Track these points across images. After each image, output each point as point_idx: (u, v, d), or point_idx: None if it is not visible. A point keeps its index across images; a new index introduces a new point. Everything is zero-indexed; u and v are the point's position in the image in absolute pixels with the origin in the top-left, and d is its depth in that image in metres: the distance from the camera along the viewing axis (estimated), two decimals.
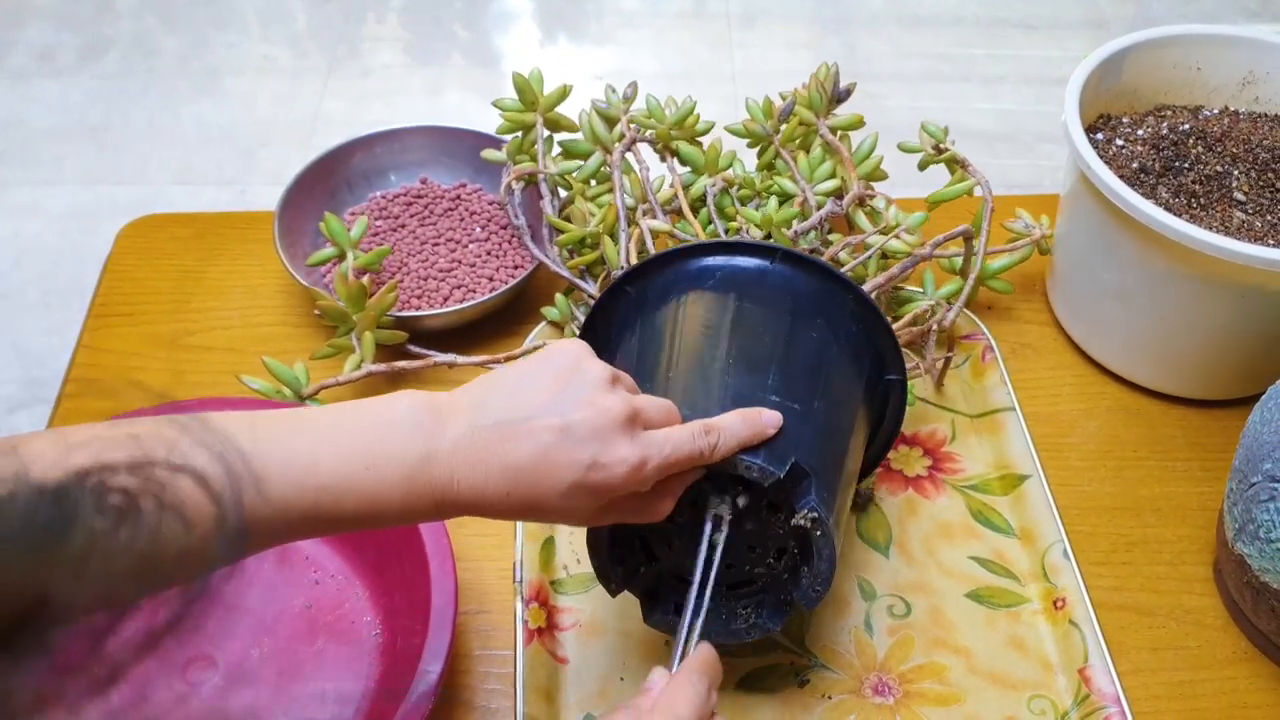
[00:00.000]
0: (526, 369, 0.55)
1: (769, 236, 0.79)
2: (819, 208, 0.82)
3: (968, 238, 0.83)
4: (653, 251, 0.80)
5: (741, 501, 0.61)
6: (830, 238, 0.82)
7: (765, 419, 0.59)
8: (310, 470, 0.48)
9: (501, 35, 2.24)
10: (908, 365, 0.73)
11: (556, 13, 2.28)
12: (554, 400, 0.53)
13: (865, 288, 0.78)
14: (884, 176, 0.87)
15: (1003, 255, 0.86)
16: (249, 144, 1.97)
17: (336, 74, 2.12)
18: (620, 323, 0.69)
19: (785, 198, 0.84)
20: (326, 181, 0.94)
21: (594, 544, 0.62)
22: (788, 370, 0.63)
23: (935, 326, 0.82)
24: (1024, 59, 2.17)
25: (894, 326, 0.78)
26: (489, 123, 0.92)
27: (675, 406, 0.58)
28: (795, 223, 0.81)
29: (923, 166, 0.87)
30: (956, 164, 0.86)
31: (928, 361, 0.82)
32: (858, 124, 0.87)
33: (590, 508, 0.54)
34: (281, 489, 0.48)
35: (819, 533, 0.60)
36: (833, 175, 0.84)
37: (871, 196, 0.84)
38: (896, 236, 0.80)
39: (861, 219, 0.84)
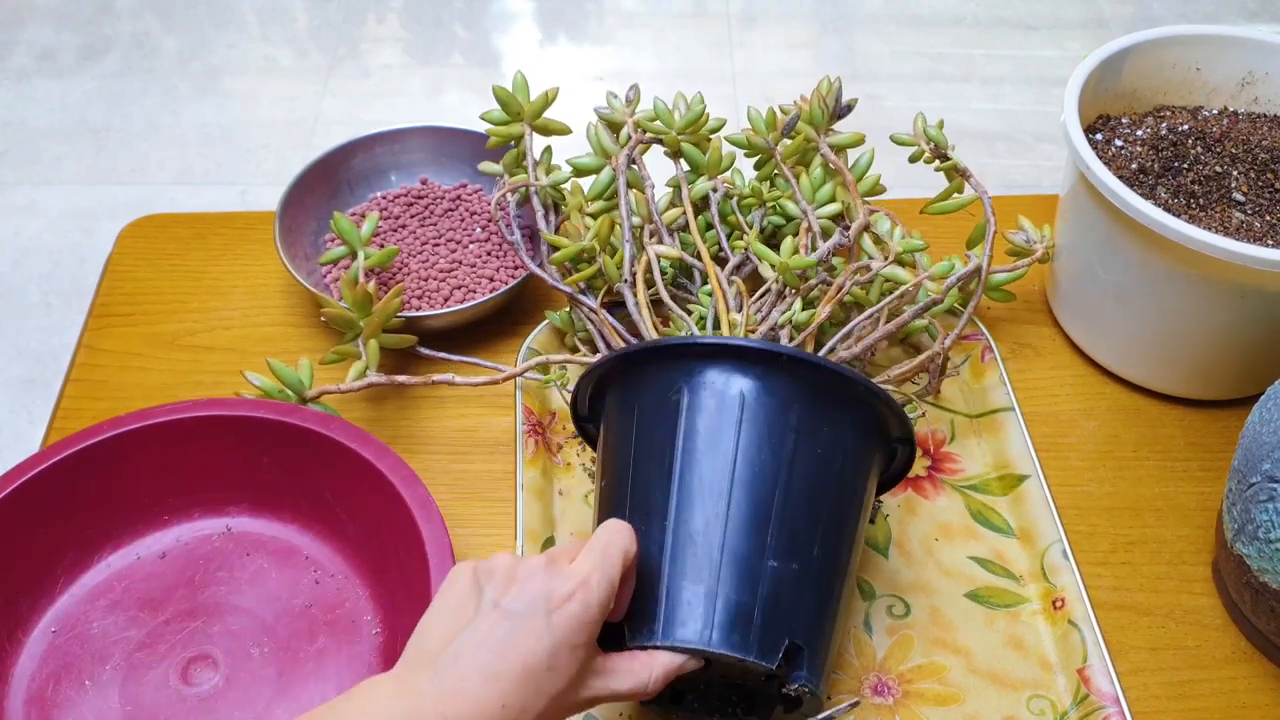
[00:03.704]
0: (441, 601, 0.56)
1: (782, 280, 0.75)
2: (822, 232, 0.79)
3: (977, 270, 0.80)
4: (658, 278, 0.77)
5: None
6: (834, 262, 0.79)
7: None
8: None
9: (501, 35, 2.24)
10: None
11: (556, 13, 2.28)
12: (481, 605, 0.54)
13: (875, 336, 0.75)
14: (883, 190, 0.85)
15: (1004, 271, 0.85)
16: (249, 144, 1.97)
17: (336, 74, 2.12)
18: (617, 401, 0.67)
19: (787, 219, 0.82)
20: (327, 182, 0.94)
21: None
22: (788, 519, 0.60)
23: (940, 354, 0.79)
24: (1024, 59, 2.17)
25: (900, 369, 0.76)
26: None
27: (580, 544, 0.58)
28: (802, 252, 0.78)
29: (914, 159, 0.85)
30: (958, 173, 0.84)
31: (930, 384, 0.81)
32: (858, 142, 0.84)
33: (580, 668, 0.54)
34: None
35: (809, 695, 0.60)
36: (834, 199, 0.82)
37: (873, 211, 0.81)
38: (919, 284, 0.76)
39: (866, 242, 0.80)
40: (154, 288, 0.92)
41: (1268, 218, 0.80)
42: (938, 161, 0.84)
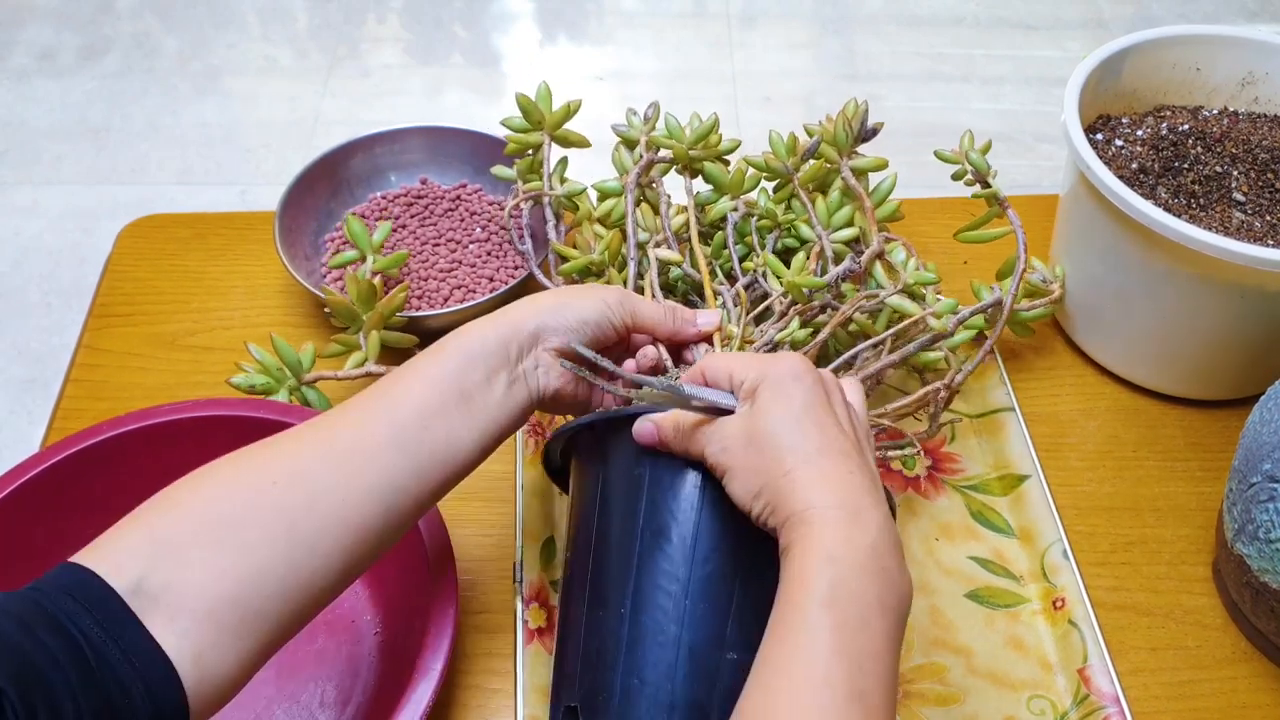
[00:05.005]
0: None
1: (786, 300, 0.74)
2: (836, 257, 0.78)
3: (997, 303, 0.79)
4: (657, 294, 0.75)
5: None
6: (844, 289, 0.77)
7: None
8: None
9: (501, 35, 2.24)
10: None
11: (556, 13, 2.28)
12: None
13: (878, 366, 0.74)
14: (900, 218, 0.83)
15: (1025, 309, 0.84)
16: (249, 144, 1.97)
17: (336, 74, 2.12)
18: (584, 465, 0.64)
19: (801, 242, 0.81)
20: (327, 182, 0.94)
21: None
22: (749, 608, 0.56)
23: (947, 387, 0.77)
24: (1024, 59, 2.17)
25: (898, 405, 0.75)
26: (490, 122, 0.92)
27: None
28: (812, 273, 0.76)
29: (957, 178, 0.83)
30: (997, 202, 0.82)
31: (930, 428, 0.78)
32: (881, 166, 0.82)
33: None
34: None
35: None
36: (850, 223, 0.80)
37: (889, 239, 0.79)
38: (922, 324, 0.75)
39: (878, 270, 0.79)
40: (154, 288, 0.92)
41: (1268, 218, 0.80)
42: (978, 187, 0.82)
